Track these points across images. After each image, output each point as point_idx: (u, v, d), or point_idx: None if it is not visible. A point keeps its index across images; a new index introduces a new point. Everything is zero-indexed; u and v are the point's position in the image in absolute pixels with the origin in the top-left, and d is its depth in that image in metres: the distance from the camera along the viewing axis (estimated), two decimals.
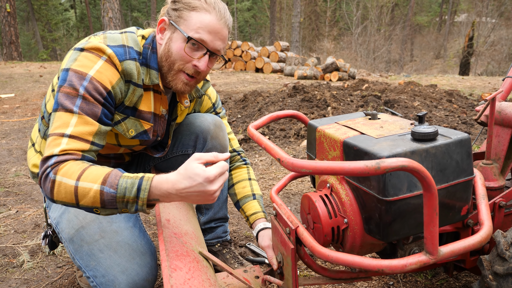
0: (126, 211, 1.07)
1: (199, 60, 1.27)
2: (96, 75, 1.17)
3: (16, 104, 6.75)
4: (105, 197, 1.03)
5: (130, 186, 1.03)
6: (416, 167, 0.75)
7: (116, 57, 1.20)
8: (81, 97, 1.14)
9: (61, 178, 1.06)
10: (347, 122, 1.20)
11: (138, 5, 33.84)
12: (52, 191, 1.07)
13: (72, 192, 1.05)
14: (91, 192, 1.04)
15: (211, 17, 1.25)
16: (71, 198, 1.06)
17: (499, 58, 21.80)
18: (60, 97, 1.15)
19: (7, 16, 15.40)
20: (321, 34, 28.94)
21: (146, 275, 1.18)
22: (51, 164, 1.08)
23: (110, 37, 1.25)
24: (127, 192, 1.03)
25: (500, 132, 1.39)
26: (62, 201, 1.08)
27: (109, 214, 1.09)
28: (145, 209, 1.07)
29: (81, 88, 1.14)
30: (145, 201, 1.04)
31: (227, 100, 6.36)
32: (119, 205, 1.05)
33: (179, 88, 1.32)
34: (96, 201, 1.04)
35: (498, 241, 1.07)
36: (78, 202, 1.06)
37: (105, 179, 1.04)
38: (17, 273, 1.76)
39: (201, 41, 1.24)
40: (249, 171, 1.72)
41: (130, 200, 1.04)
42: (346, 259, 0.91)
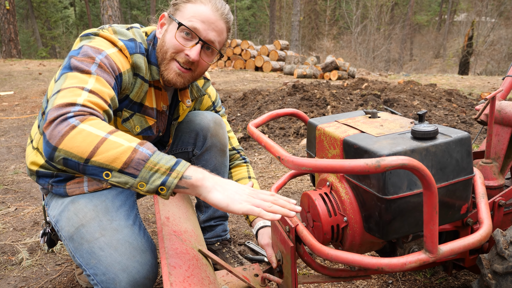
0: (143, 185, 0.96)
1: (191, 49, 1.26)
2: (111, 55, 1.18)
3: (15, 102, 6.74)
4: (136, 156, 0.95)
5: (168, 158, 0.98)
6: (416, 166, 0.75)
7: (126, 49, 1.22)
8: (97, 64, 1.12)
9: (86, 126, 0.96)
10: (347, 121, 1.20)
11: (138, 3, 33.77)
12: (63, 136, 0.95)
13: (94, 142, 0.94)
14: (121, 148, 0.95)
15: (206, 8, 1.26)
16: (86, 149, 0.94)
17: (498, 58, 21.82)
18: (73, 62, 1.11)
19: (6, 14, 15.35)
20: (321, 33, 28.93)
21: (147, 273, 1.18)
22: (76, 111, 0.98)
23: (120, 31, 1.26)
24: (163, 161, 0.97)
25: (500, 131, 1.39)
26: (66, 151, 0.95)
27: (118, 184, 0.97)
28: (175, 186, 0.96)
29: (97, 58, 1.14)
30: (180, 174, 0.96)
31: (226, 98, 6.35)
32: (143, 172, 0.96)
33: (171, 78, 1.30)
34: (120, 159, 0.94)
35: (498, 240, 1.07)
36: (91, 156, 0.94)
37: (143, 143, 0.99)
38: (16, 271, 1.76)
39: (193, 29, 1.24)
40: (248, 169, 1.72)
41: (162, 169, 0.96)
42: (345, 257, 0.91)
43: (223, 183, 1.03)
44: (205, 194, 1.00)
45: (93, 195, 1.33)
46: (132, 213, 1.33)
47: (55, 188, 1.35)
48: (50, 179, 1.35)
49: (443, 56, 28.56)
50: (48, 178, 1.36)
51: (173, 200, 1.39)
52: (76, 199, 1.31)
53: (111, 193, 1.36)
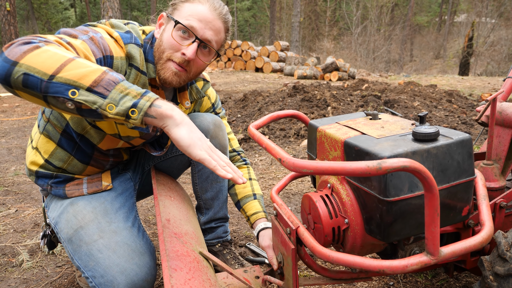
0: (113, 107, 0.91)
1: (187, 48, 1.25)
2: (106, 39, 1.18)
3: (16, 103, 6.74)
4: (106, 77, 0.92)
5: (137, 86, 0.98)
6: (417, 168, 0.74)
7: (121, 40, 1.23)
8: (89, 36, 1.12)
9: (52, 48, 0.91)
10: (348, 122, 1.20)
11: (138, 4, 33.81)
12: (25, 53, 0.87)
13: (61, 60, 0.88)
14: (90, 68, 0.91)
15: (203, 7, 1.27)
16: (51, 66, 0.88)
17: (498, 59, 21.81)
18: (64, 29, 1.12)
19: (7, 15, 15.37)
20: (321, 34, 28.94)
21: (145, 276, 1.18)
22: (42, 39, 0.94)
23: (117, 24, 1.28)
24: (134, 87, 0.95)
25: (501, 133, 1.39)
26: (28, 66, 0.87)
27: (86, 102, 0.90)
28: (146, 110, 0.93)
29: (91, 33, 1.14)
30: (152, 100, 0.95)
31: (227, 99, 6.35)
32: (113, 93, 0.91)
33: (167, 77, 1.29)
34: (90, 77, 0.90)
35: (499, 241, 1.07)
36: (57, 72, 0.88)
37: (112, 70, 0.98)
38: (16, 273, 1.75)
39: (190, 28, 1.24)
40: (249, 171, 1.72)
41: (132, 93, 0.93)
42: (346, 260, 0.91)
43: (191, 124, 1.02)
44: (171, 126, 0.98)
45: (92, 197, 1.33)
46: (131, 215, 1.33)
47: (54, 189, 1.35)
48: (49, 180, 1.35)
49: (443, 57, 28.57)
50: (48, 178, 1.35)
51: (174, 202, 1.39)
52: (75, 201, 1.30)
53: (110, 195, 1.35)
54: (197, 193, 1.67)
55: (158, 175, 1.53)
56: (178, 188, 1.60)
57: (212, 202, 1.66)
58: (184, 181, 2.97)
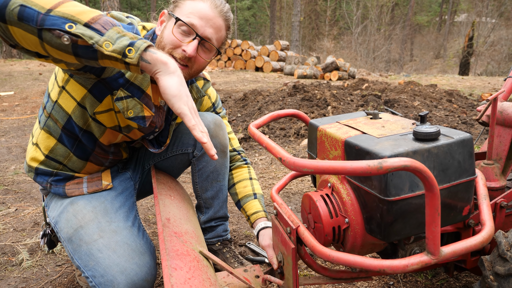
0: (109, 44, 0.91)
1: (188, 45, 1.25)
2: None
3: (16, 102, 6.74)
4: (103, 17, 0.91)
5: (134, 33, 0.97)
6: (418, 167, 0.74)
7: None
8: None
9: None
10: (348, 122, 1.19)
11: (138, 3, 33.80)
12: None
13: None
14: (87, 8, 0.90)
15: (205, 5, 1.27)
16: (48, 1, 0.87)
17: (499, 58, 21.81)
18: None
19: None
20: (321, 33, 28.94)
21: (145, 275, 1.18)
22: None
23: (118, 16, 1.27)
24: (130, 30, 0.96)
25: (502, 132, 1.38)
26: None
27: (82, 35, 0.88)
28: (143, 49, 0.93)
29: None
30: (147, 43, 0.94)
31: (227, 99, 6.35)
32: (111, 32, 0.90)
33: None
34: (88, 14, 0.89)
35: (499, 241, 1.07)
36: (54, 7, 0.86)
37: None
38: (16, 272, 1.75)
39: (190, 25, 1.24)
40: (249, 170, 1.71)
41: (129, 35, 0.93)
42: (347, 259, 0.91)
43: (182, 77, 1.02)
44: (163, 73, 0.98)
45: (92, 196, 1.32)
46: (131, 215, 1.33)
47: (54, 187, 1.35)
48: (49, 177, 1.35)
49: (443, 57, 28.56)
50: (47, 176, 1.35)
51: (174, 201, 1.39)
52: (75, 201, 1.30)
53: (111, 195, 1.35)
54: (197, 192, 1.66)
55: (158, 174, 1.53)
56: (178, 187, 1.60)
57: (212, 201, 1.66)
58: (184, 180, 2.97)
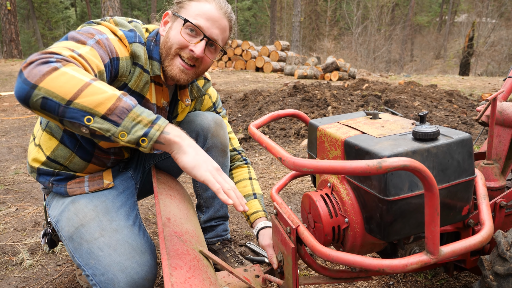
0: (125, 135, 0.95)
1: (196, 45, 1.29)
2: (111, 39, 1.19)
3: (16, 102, 6.74)
4: (120, 104, 0.95)
5: (149, 111, 1.00)
6: (417, 167, 0.75)
7: (126, 39, 1.24)
8: (95, 40, 1.13)
9: (69, 70, 0.93)
10: (348, 122, 1.20)
11: (139, 3, 33.81)
12: (44, 75, 0.90)
13: (78, 85, 0.91)
14: (106, 94, 0.94)
15: (210, 6, 1.30)
16: (69, 90, 0.90)
17: (499, 59, 21.80)
18: (71, 34, 1.12)
19: (8, 14, 15.37)
20: (322, 33, 28.93)
21: (146, 274, 1.18)
22: (59, 58, 0.95)
23: (121, 22, 1.29)
24: (146, 113, 0.98)
25: (501, 132, 1.39)
26: (47, 90, 0.90)
27: (100, 130, 0.94)
28: (156, 138, 0.97)
29: (97, 35, 1.15)
30: (162, 128, 0.98)
31: (227, 99, 6.35)
32: (126, 121, 0.95)
33: (175, 74, 1.32)
34: (105, 105, 0.93)
35: (499, 241, 1.07)
36: (74, 98, 0.90)
37: (126, 93, 1.00)
38: (16, 271, 1.76)
39: (198, 27, 1.28)
40: (249, 170, 1.72)
41: (144, 121, 0.97)
42: (346, 259, 0.91)
43: (197, 148, 1.05)
44: (177, 152, 1.02)
45: (94, 195, 1.33)
46: (132, 214, 1.33)
47: (56, 187, 1.35)
48: (51, 177, 1.35)
49: (443, 57, 28.55)
50: (49, 176, 1.36)
51: (174, 201, 1.39)
52: (77, 199, 1.31)
53: (112, 194, 1.36)
54: (197, 191, 1.67)
55: (159, 174, 1.53)
56: (179, 187, 1.60)
57: (212, 201, 1.66)
58: (185, 180, 2.98)
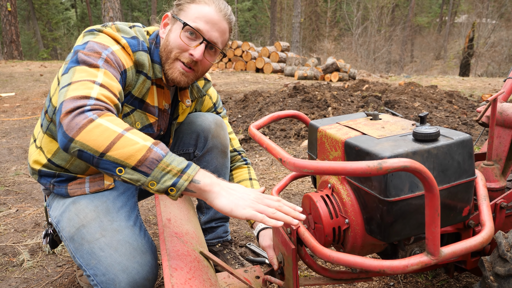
0: (154, 184, 0.99)
1: (195, 49, 1.28)
2: (116, 52, 1.20)
3: (17, 103, 6.75)
4: (150, 155, 0.98)
5: (179, 159, 1.01)
6: (418, 168, 0.75)
7: (129, 47, 1.24)
8: (103, 59, 1.14)
9: (104, 121, 0.99)
10: (348, 123, 1.20)
11: (139, 4, 33.84)
12: (80, 129, 0.97)
13: (111, 137, 0.97)
14: (136, 145, 0.98)
15: (210, 9, 1.29)
16: (102, 143, 0.97)
17: (499, 59, 21.81)
18: (80, 56, 1.13)
19: (8, 15, 15.39)
20: (322, 34, 28.94)
21: (147, 274, 1.18)
22: (92, 104, 1.00)
23: (122, 29, 1.28)
24: (175, 162, 0.99)
25: (502, 133, 1.39)
26: (82, 143, 0.97)
27: (130, 180, 0.99)
28: (185, 188, 0.99)
29: (103, 53, 1.16)
30: (191, 178, 0.99)
31: (227, 100, 6.36)
32: (155, 172, 0.98)
33: (176, 77, 1.32)
34: (135, 157, 0.97)
35: (499, 242, 1.07)
36: (107, 150, 0.97)
37: (157, 142, 1.01)
38: (17, 272, 1.76)
39: (197, 30, 1.27)
40: (250, 171, 1.72)
41: (173, 170, 0.99)
42: (347, 260, 0.91)
43: (229, 188, 1.04)
44: (211, 199, 1.03)
45: (95, 196, 1.33)
46: (133, 214, 1.33)
47: (57, 188, 1.36)
48: (52, 178, 1.36)
49: (443, 58, 28.56)
50: (50, 177, 1.36)
51: (175, 202, 1.39)
52: (78, 200, 1.31)
53: (112, 194, 1.36)
54: None
55: None
56: None
57: None
58: None
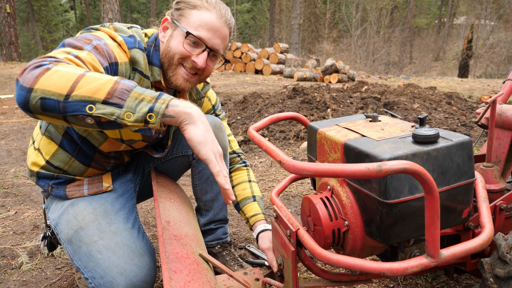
0: (130, 115, 0.94)
1: (198, 56, 1.29)
2: (110, 45, 1.18)
3: (16, 105, 6.74)
4: (119, 86, 0.93)
5: (151, 91, 0.98)
6: (417, 170, 0.75)
7: (125, 44, 1.23)
8: (93, 45, 1.12)
9: (62, 67, 0.93)
10: (347, 124, 1.20)
11: (138, 6, 33.87)
12: (37, 77, 0.90)
13: (72, 78, 0.91)
14: (101, 80, 0.93)
15: (211, 15, 1.28)
16: (64, 85, 0.90)
17: (498, 61, 21.86)
18: (68, 40, 1.10)
19: (7, 17, 15.40)
20: (321, 36, 28.99)
21: (145, 277, 1.18)
22: (52, 60, 0.95)
23: (120, 28, 1.28)
24: (147, 91, 0.96)
25: (501, 135, 1.39)
26: (43, 90, 0.90)
27: (104, 115, 0.92)
28: (163, 113, 0.94)
29: (94, 41, 1.13)
30: (167, 101, 0.96)
31: (226, 101, 6.36)
32: (129, 101, 0.93)
33: (180, 84, 1.33)
34: (103, 90, 0.92)
35: (499, 244, 1.07)
36: (71, 91, 0.90)
37: (123, 78, 0.99)
38: (15, 275, 1.75)
39: (200, 38, 1.27)
40: (249, 173, 1.72)
41: (147, 97, 0.95)
42: (346, 262, 0.91)
43: (208, 125, 1.02)
44: (188, 123, 0.99)
45: (93, 198, 1.33)
46: (131, 216, 1.33)
47: (55, 190, 1.35)
48: (50, 180, 1.35)
49: (442, 59, 28.61)
50: (49, 179, 1.35)
51: (174, 204, 1.39)
52: (76, 202, 1.30)
53: (111, 196, 1.35)
54: (196, 194, 1.67)
55: (158, 177, 1.53)
56: (178, 190, 1.60)
57: (212, 204, 1.66)
58: (184, 183, 2.97)
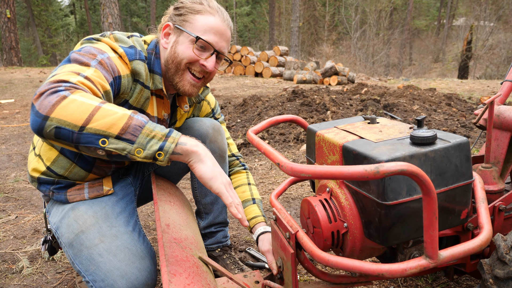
0: (141, 151, 0.98)
1: (207, 60, 1.32)
2: (112, 58, 1.20)
3: (16, 110, 6.75)
4: (132, 122, 0.97)
5: (161, 126, 1.02)
6: (415, 171, 0.75)
7: (126, 56, 1.25)
8: (97, 61, 1.14)
9: (78, 96, 0.95)
10: (346, 127, 1.20)
11: (138, 10, 33.95)
12: (54, 105, 0.92)
13: (88, 110, 0.93)
14: (116, 115, 0.96)
15: (216, 19, 1.31)
16: (80, 117, 0.92)
17: (497, 62, 21.88)
18: (74, 56, 1.12)
19: (7, 22, 15.45)
20: (320, 38, 29.04)
21: (146, 279, 1.18)
22: (67, 86, 0.97)
23: (120, 38, 1.29)
24: (158, 128, 1.00)
25: (499, 136, 1.39)
26: (59, 119, 0.92)
27: (116, 150, 0.96)
28: (172, 151, 0.99)
29: (98, 55, 1.15)
30: (176, 140, 1.00)
31: (226, 104, 6.36)
32: (140, 138, 0.97)
33: (187, 90, 1.35)
34: (117, 125, 0.95)
35: (498, 244, 1.07)
36: (86, 123, 0.93)
37: (136, 112, 1.02)
38: (16, 279, 1.75)
39: (209, 43, 1.30)
40: (248, 176, 1.72)
41: (158, 135, 0.99)
42: (346, 264, 0.91)
43: (214, 159, 1.08)
44: (195, 161, 1.05)
45: (93, 201, 1.33)
46: (132, 220, 1.33)
47: (56, 195, 1.36)
48: (51, 186, 1.36)
49: (442, 61, 28.63)
50: (49, 185, 1.36)
51: (174, 207, 1.39)
52: (77, 206, 1.31)
53: (111, 200, 1.36)
54: (196, 197, 1.67)
55: (158, 180, 1.53)
56: (178, 193, 1.60)
57: (212, 207, 1.66)
58: (184, 186, 2.98)
